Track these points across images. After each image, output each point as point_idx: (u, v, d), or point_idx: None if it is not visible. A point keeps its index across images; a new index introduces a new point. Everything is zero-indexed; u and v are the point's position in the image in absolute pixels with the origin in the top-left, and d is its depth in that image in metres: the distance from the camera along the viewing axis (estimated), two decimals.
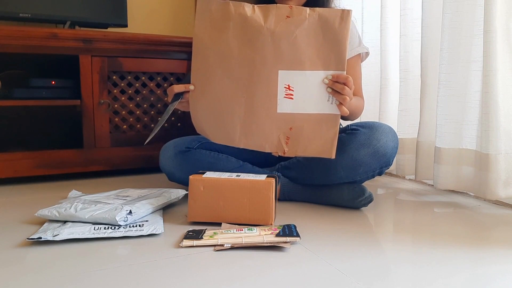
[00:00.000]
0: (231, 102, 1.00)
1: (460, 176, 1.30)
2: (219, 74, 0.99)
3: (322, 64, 0.95)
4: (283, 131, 1.00)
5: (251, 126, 1.01)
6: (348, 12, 0.93)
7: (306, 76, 0.96)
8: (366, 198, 1.16)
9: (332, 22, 0.93)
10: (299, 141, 1.00)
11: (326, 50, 0.95)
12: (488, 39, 1.13)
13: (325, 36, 0.94)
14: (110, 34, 1.56)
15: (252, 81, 0.98)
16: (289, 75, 0.97)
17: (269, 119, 1.00)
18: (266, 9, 0.96)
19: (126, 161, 1.63)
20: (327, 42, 0.95)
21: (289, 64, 0.96)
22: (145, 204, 1.05)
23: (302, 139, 1.00)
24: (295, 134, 1.00)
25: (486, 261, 0.82)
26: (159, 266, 0.78)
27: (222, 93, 1.00)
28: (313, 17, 0.94)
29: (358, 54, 1.25)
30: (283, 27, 0.95)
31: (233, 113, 1.01)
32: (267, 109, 0.99)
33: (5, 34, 1.41)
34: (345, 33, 0.93)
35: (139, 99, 1.66)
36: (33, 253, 0.84)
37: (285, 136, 1.00)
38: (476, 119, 1.25)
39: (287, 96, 0.98)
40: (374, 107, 1.69)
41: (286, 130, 1.00)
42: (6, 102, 1.46)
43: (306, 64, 0.96)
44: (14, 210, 1.16)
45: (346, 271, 0.76)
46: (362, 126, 1.16)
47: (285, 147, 1.01)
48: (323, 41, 0.95)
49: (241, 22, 0.96)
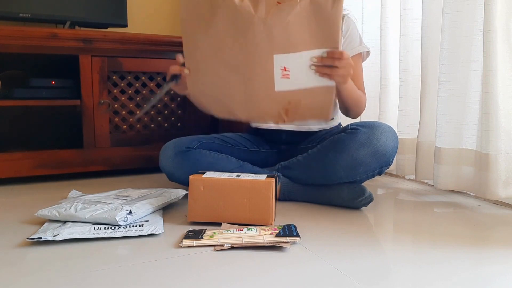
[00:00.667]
0: (229, 87, 1.04)
1: (460, 176, 1.30)
2: (214, 63, 1.02)
3: (316, 44, 0.95)
4: (282, 106, 1.04)
5: (252, 104, 1.06)
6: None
7: (302, 57, 0.97)
8: (366, 198, 1.16)
9: (324, 5, 0.92)
10: (297, 111, 1.05)
11: (320, 31, 0.94)
12: (488, 39, 1.13)
13: (317, 19, 0.93)
14: (110, 34, 1.56)
15: (249, 67, 1.00)
16: (284, 58, 0.97)
17: (268, 98, 1.03)
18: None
19: (126, 161, 1.63)
20: (320, 24, 0.94)
21: (283, 48, 0.97)
22: (145, 204, 1.05)
23: (301, 109, 1.04)
24: (293, 107, 1.04)
25: (486, 261, 0.81)
26: (159, 266, 0.78)
27: (219, 79, 1.03)
28: (304, 1, 0.93)
29: (359, 53, 1.25)
30: (274, 14, 0.94)
31: (232, 96, 1.05)
32: (265, 90, 1.02)
33: (5, 34, 1.41)
34: (338, 16, 0.92)
35: (139, 99, 1.66)
36: (33, 253, 0.84)
37: (284, 109, 1.05)
38: (476, 119, 1.25)
39: (284, 76, 1.00)
40: (374, 107, 1.69)
41: (285, 104, 1.04)
42: (6, 102, 1.46)
43: (300, 46, 0.96)
44: (14, 210, 1.16)
45: (346, 271, 0.76)
46: (362, 126, 1.16)
47: (285, 117, 1.06)
48: (315, 24, 0.94)
49: (230, 13, 0.96)
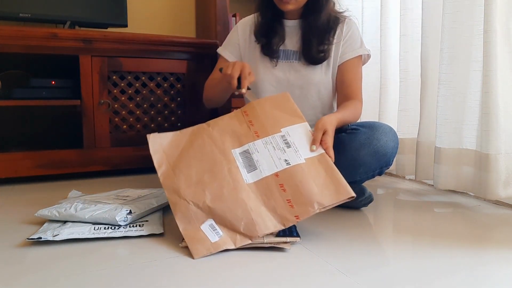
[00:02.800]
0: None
1: (460, 176, 1.30)
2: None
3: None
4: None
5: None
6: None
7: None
8: (366, 198, 1.16)
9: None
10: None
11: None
12: (488, 39, 1.13)
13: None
14: (110, 34, 1.56)
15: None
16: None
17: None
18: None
19: (126, 161, 1.63)
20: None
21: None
22: (145, 204, 1.05)
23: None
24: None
25: (486, 261, 0.81)
26: (159, 266, 0.78)
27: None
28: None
29: (359, 56, 1.25)
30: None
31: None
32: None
33: (5, 34, 1.41)
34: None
35: (139, 99, 1.66)
36: (33, 253, 0.84)
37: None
38: (476, 119, 1.25)
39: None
40: (374, 107, 1.69)
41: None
42: (6, 102, 1.46)
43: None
44: (14, 210, 1.15)
45: (346, 271, 0.76)
46: (362, 126, 1.16)
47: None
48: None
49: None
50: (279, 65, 1.26)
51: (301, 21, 1.25)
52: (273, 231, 0.87)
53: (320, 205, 0.86)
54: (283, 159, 0.94)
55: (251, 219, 0.86)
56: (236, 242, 0.85)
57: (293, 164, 0.92)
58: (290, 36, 1.27)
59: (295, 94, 1.26)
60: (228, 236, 0.86)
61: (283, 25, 1.27)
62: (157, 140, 1.02)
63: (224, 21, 1.83)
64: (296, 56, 1.25)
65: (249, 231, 0.85)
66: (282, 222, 0.87)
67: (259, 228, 0.85)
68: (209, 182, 0.92)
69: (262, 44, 1.27)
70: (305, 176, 0.90)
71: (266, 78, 1.26)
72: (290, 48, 1.27)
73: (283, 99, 1.06)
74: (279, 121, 1.01)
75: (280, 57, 1.26)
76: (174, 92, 1.72)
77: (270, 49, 1.26)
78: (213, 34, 1.84)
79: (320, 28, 1.21)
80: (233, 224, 0.87)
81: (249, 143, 0.98)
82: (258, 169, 0.94)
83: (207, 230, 0.86)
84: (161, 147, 1.00)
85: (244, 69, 1.09)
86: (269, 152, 0.95)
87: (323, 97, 1.27)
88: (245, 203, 0.88)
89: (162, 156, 0.99)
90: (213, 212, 0.89)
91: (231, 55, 1.33)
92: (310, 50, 1.22)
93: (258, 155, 0.96)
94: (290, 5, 1.17)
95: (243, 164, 0.95)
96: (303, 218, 0.86)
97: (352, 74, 1.24)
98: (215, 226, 0.87)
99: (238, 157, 0.96)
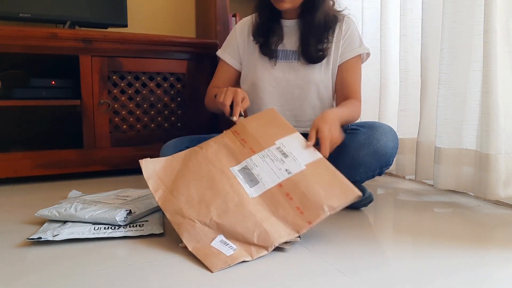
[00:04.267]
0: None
1: (460, 176, 1.30)
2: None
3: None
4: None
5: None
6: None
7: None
8: (366, 198, 1.16)
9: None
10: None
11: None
12: (488, 39, 1.13)
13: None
14: (110, 34, 1.56)
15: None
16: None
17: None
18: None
19: (126, 161, 1.63)
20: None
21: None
22: (145, 204, 1.05)
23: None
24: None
25: (486, 261, 0.81)
26: (159, 266, 0.78)
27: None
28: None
29: (358, 55, 1.25)
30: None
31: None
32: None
33: (5, 34, 1.41)
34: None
35: (139, 99, 1.66)
36: (33, 253, 0.84)
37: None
38: (476, 119, 1.25)
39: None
40: (374, 107, 1.69)
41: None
42: (6, 102, 1.46)
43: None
44: (14, 210, 1.15)
45: (346, 271, 0.76)
46: (362, 126, 1.16)
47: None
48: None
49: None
50: (278, 65, 1.26)
51: (299, 21, 1.25)
52: (287, 239, 0.83)
53: (329, 207, 0.85)
54: (283, 169, 0.92)
55: (263, 229, 0.83)
56: (252, 254, 0.80)
57: (295, 172, 0.91)
58: (289, 36, 1.27)
59: (294, 94, 1.26)
60: (243, 249, 0.81)
61: (281, 25, 1.28)
62: (150, 166, 0.98)
63: (224, 21, 1.83)
64: (295, 56, 1.25)
65: (264, 241, 0.82)
66: (295, 229, 0.84)
67: (273, 238, 0.82)
68: (212, 199, 0.89)
69: (260, 43, 1.27)
70: (309, 181, 0.89)
71: (265, 78, 1.26)
72: (289, 48, 1.27)
73: (271, 114, 1.06)
74: (271, 135, 1.00)
75: (279, 57, 1.26)
76: (174, 92, 1.72)
77: (269, 49, 1.26)
78: (213, 34, 1.84)
79: (318, 27, 1.21)
80: (246, 237, 0.83)
81: (246, 159, 0.96)
82: (260, 182, 0.92)
83: (219, 245, 0.82)
84: (155, 172, 0.97)
85: (237, 96, 1.08)
86: (268, 165, 0.94)
87: (323, 96, 1.27)
88: (254, 215, 0.85)
89: (156, 181, 0.95)
90: (222, 228, 0.85)
91: (231, 58, 1.34)
92: (309, 49, 1.22)
93: (257, 169, 0.94)
94: (286, 4, 1.17)
95: (244, 180, 0.93)
96: (315, 222, 0.84)
97: (351, 74, 1.24)
98: (226, 241, 0.83)
99: (238, 174, 0.94)
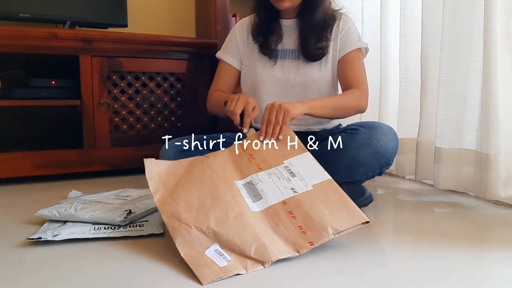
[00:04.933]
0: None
1: (460, 176, 1.30)
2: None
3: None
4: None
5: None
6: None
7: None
8: (366, 198, 1.16)
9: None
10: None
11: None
12: (488, 39, 1.13)
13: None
14: (110, 34, 1.56)
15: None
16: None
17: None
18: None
19: (126, 161, 1.63)
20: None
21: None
22: (145, 204, 1.05)
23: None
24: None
25: (486, 261, 0.81)
26: (159, 266, 0.78)
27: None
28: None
29: (358, 49, 1.25)
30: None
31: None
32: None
33: (5, 34, 1.41)
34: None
35: (139, 99, 1.66)
36: (33, 253, 0.84)
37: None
38: (476, 119, 1.25)
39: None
40: (374, 107, 1.69)
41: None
42: (6, 102, 1.46)
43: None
44: (14, 210, 1.15)
45: (346, 271, 0.76)
46: (362, 126, 1.16)
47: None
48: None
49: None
50: (278, 65, 1.26)
51: (298, 20, 1.26)
52: (286, 257, 0.79)
53: (334, 230, 0.82)
54: (289, 187, 0.91)
55: (262, 243, 0.79)
56: (247, 267, 0.76)
57: (301, 192, 0.89)
58: (288, 35, 1.27)
59: (295, 92, 1.26)
60: (238, 262, 0.77)
61: (280, 24, 1.28)
62: (153, 167, 0.96)
63: (224, 21, 1.83)
64: (295, 55, 1.26)
65: (261, 255, 0.78)
66: (295, 248, 0.81)
67: (271, 253, 0.78)
68: (212, 206, 0.86)
69: (260, 43, 1.27)
70: (315, 202, 0.87)
71: (265, 78, 1.26)
72: (288, 47, 1.27)
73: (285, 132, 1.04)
74: (281, 154, 0.99)
75: (279, 56, 1.26)
76: (174, 92, 1.72)
77: (268, 48, 1.26)
78: (213, 34, 1.84)
79: (317, 25, 1.22)
80: (243, 249, 0.79)
81: (252, 174, 0.95)
82: (263, 198, 0.89)
83: (213, 255, 0.78)
84: (158, 174, 0.95)
85: (248, 105, 1.06)
86: (274, 182, 0.92)
87: (324, 94, 1.27)
88: (253, 228, 0.82)
89: (158, 183, 0.93)
90: (218, 237, 0.81)
91: (232, 58, 1.33)
92: (308, 47, 1.22)
93: (262, 185, 0.92)
94: (286, 3, 1.17)
95: (247, 194, 0.90)
96: (318, 244, 0.81)
97: (352, 66, 1.24)
98: (221, 251, 0.79)
99: (242, 188, 0.92)
